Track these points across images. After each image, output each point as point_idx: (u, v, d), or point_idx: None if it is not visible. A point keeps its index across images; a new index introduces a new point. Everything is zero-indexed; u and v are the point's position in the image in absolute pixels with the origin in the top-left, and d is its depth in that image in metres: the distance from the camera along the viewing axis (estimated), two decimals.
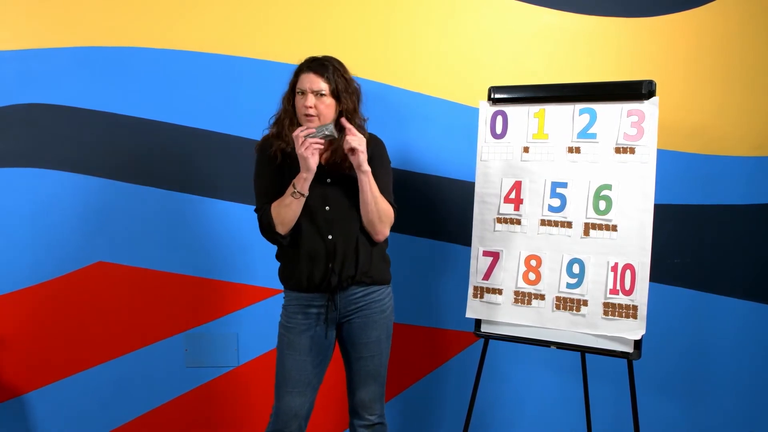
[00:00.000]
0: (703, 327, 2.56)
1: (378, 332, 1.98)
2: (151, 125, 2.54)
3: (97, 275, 2.57)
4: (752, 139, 2.49)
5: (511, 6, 2.54)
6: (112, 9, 2.50)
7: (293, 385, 1.95)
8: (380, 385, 2.03)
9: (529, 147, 2.14)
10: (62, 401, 2.59)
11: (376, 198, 1.89)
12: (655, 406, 2.57)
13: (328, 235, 1.90)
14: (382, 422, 2.04)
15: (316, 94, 1.86)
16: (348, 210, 1.92)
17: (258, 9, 2.53)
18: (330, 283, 1.91)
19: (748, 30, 2.48)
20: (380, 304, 1.98)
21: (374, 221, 1.91)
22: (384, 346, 2.00)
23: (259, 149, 1.98)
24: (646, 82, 1.98)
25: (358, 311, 1.96)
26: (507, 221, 2.17)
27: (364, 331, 1.96)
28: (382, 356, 2.00)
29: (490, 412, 2.63)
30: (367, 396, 2.00)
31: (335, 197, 1.92)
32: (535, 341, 2.12)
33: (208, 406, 2.65)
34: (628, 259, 1.99)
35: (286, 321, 1.98)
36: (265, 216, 1.88)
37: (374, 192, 1.88)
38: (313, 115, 1.86)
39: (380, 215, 1.90)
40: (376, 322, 1.97)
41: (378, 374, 2.01)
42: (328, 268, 1.90)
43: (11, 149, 2.51)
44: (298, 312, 1.96)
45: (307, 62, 1.92)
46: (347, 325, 1.98)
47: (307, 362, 1.95)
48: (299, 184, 1.83)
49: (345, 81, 1.90)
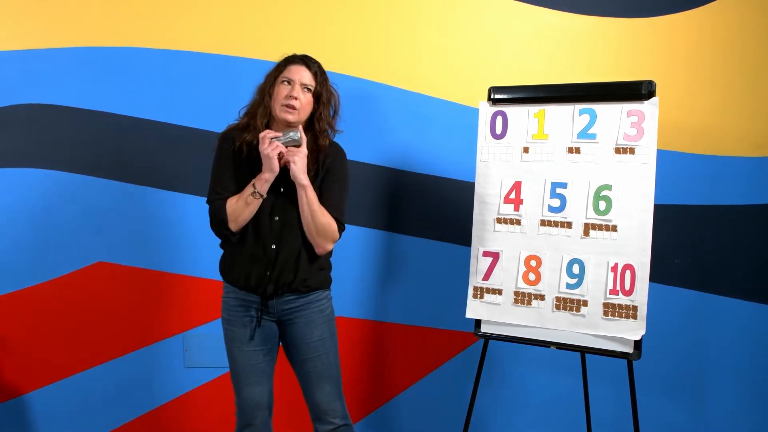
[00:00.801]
0: (703, 327, 2.56)
1: (320, 331, 1.95)
2: (151, 125, 2.54)
3: (97, 275, 2.57)
4: (752, 139, 2.49)
5: (511, 6, 2.54)
6: (113, 9, 2.51)
7: (249, 377, 1.95)
8: (335, 385, 1.98)
9: (529, 147, 2.14)
10: (62, 401, 2.59)
11: (314, 212, 1.85)
12: (655, 407, 2.56)
13: (271, 245, 1.89)
14: (347, 423, 2.00)
15: (302, 88, 1.86)
16: (295, 221, 1.90)
17: (258, 9, 2.54)
18: (266, 290, 1.91)
19: (748, 30, 2.48)
20: (319, 305, 1.96)
21: (312, 235, 1.89)
22: (329, 344, 1.97)
23: (221, 139, 1.95)
24: (646, 82, 1.98)
25: (296, 312, 1.94)
26: (507, 221, 2.17)
27: (305, 332, 1.94)
28: (329, 355, 1.96)
29: (490, 413, 2.63)
30: (323, 397, 1.96)
31: (284, 207, 1.90)
32: (535, 341, 2.12)
33: (208, 407, 2.65)
34: (628, 260, 1.99)
35: (228, 315, 1.97)
36: (220, 211, 1.87)
37: (312, 206, 1.85)
38: (294, 106, 1.85)
39: (318, 230, 1.87)
40: (314, 321, 1.94)
41: (330, 374, 1.97)
42: (266, 276, 1.90)
43: (12, 149, 2.51)
44: (237, 305, 1.95)
45: (297, 56, 1.92)
46: (288, 328, 1.96)
47: (257, 353, 1.95)
48: (260, 184, 1.82)
49: (327, 87, 1.92)
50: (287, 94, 1.85)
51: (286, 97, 1.85)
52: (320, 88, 1.89)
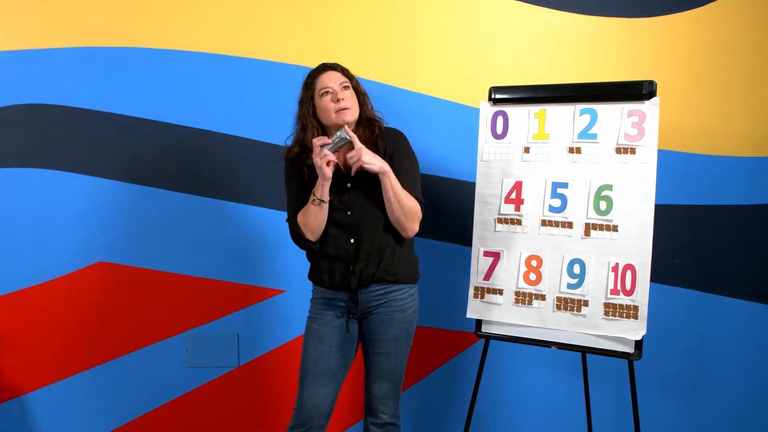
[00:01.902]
0: (704, 327, 2.55)
1: (396, 330, 1.97)
2: (151, 125, 2.54)
3: (98, 275, 2.57)
4: (753, 139, 2.49)
5: (511, 6, 2.54)
6: (113, 9, 2.51)
7: (317, 376, 1.95)
8: (395, 384, 2.02)
9: (530, 147, 2.14)
10: (63, 401, 2.59)
11: (399, 197, 1.88)
12: (655, 407, 2.56)
13: (350, 239, 1.92)
14: (394, 423, 2.03)
15: (342, 89, 1.89)
16: (371, 211, 1.93)
17: (258, 9, 2.53)
18: (350, 285, 1.93)
19: (749, 30, 2.48)
20: (401, 303, 1.98)
21: (400, 219, 1.91)
22: (402, 345, 2.00)
23: (287, 160, 1.98)
24: (646, 82, 1.98)
25: (378, 307, 1.96)
26: (508, 221, 2.16)
27: (381, 328, 1.97)
28: (398, 355, 1.99)
29: (491, 413, 2.63)
30: (381, 391, 2.00)
31: (357, 201, 1.93)
32: (536, 341, 2.12)
33: (209, 407, 2.65)
34: (629, 260, 1.99)
35: (313, 313, 2.00)
36: (295, 227, 1.92)
37: (396, 191, 1.88)
38: (347, 106, 1.88)
39: (405, 213, 1.90)
40: (394, 320, 1.97)
41: (392, 372, 2.00)
42: (349, 271, 1.92)
43: (12, 149, 2.51)
44: (323, 304, 1.99)
45: (317, 66, 1.95)
46: (367, 321, 1.98)
47: (332, 353, 1.96)
48: (318, 190, 1.86)
49: (355, 80, 1.97)
50: (333, 101, 1.88)
51: (335, 102, 1.88)
52: (354, 82, 1.95)
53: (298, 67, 2.51)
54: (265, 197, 2.57)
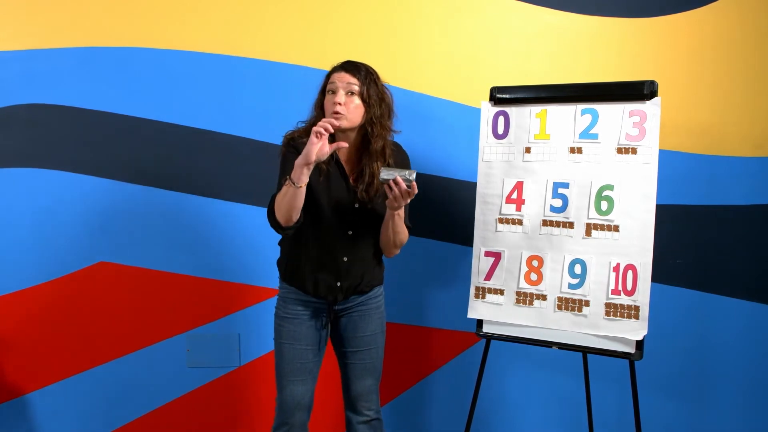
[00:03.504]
0: (705, 327, 2.55)
1: (374, 326, 2.02)
2: (151, 125, 2.54)
3: (99, 275, 2.57)
4: (754, 139, 2.49)
5: (512, 6, 2.53)
6: (113, 9, 2.50)
7: (295, 374, 1.97)
8: (376, 380, 2.06)
9: (531, 147, 2.14)
10: (64, 401, 2.59)
11: (397, 233, 1.92)
12: (656, 407, 2.57)
13: (344, 257, 1.93)
14: (379, 418, 2.07)
15: (346, 93, 1.84)
16: (369, 233, 1.96)
17: (258, 9, 2.53)
18: (336, 299, 1.96)
19: (749, 30, 2.48)
20: (375, 301, 2.03)
21: (390, 246, 1.97)
22: (380, 339, 2.04)
23: (286, 145, 1.91)
24: (648, 82, 1.98)
25: (355, 307, 2.00)
26: (509, 221, 2.16)
27: (360, 325, 2.00)
28: (378, 350, 2.04)
29: (492, 413, 2.63)
30: (364, 388, 2.02)
31: (359, 222, 1.93)
32: (537, 342, 2.12)
33: (210, 407, 2.65)
34: (630, 260, 1.99)
35: (284, 312, 1.98)
36: (271, 203, 1.86)
37: (397, 228, 1.90)
38: (341, 112, 1.82)
39: (397, 242, 1.95)
40: (371, 316, 2.01)
41: (374, 368, 2.04)
42: (337, 286, 1.94)
43: (12, 149, 2.51)
44: (297, 304, 1.97)
45: (340, 63, 1.91)
46: (343, 320, 2.00)
47: (308, 351, 1.97)
48: (296, 173, 1.75)
49: (376, 87, 1.88)
50: (332, 102, 1.84)
51: (332, 105, 1.85)
52: (366, 89, 1.85)
53: (298, 67, 2.52)
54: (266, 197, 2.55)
